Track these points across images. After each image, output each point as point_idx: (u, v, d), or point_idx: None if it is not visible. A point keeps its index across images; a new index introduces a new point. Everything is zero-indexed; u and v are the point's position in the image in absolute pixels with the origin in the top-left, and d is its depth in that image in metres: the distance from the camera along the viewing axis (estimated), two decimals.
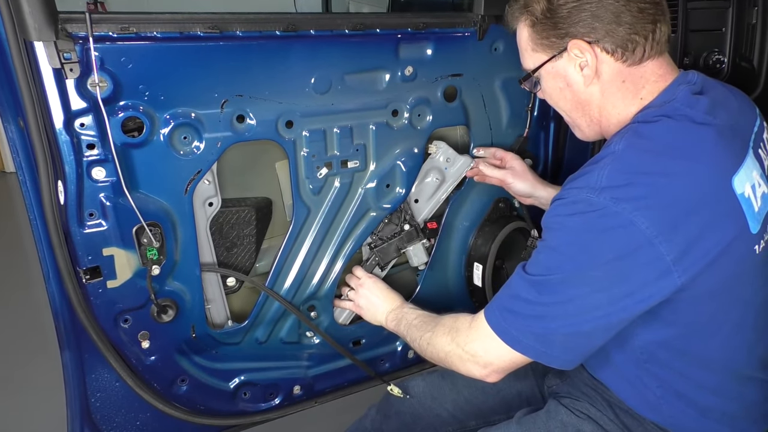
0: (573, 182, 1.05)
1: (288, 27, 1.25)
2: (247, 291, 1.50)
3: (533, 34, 1.15)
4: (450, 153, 1.56)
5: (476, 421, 1.49)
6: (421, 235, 1.60)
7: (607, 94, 1.12)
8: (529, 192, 1.56)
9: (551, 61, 1.14)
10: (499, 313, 1.11)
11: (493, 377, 1.15)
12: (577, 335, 1.04)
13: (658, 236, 0.95)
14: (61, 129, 1.10)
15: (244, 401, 1.55)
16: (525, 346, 1.07)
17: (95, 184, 1.16)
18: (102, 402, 1.38)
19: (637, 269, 0.98)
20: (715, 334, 1.09)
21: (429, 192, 1.61)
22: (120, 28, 1.10)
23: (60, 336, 1.31)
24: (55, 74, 1.06)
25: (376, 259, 1.58)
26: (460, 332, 1.19)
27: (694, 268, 0.98)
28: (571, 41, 1.09)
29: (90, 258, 1.20)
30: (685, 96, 1.07)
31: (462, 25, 1.46)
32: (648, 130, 1.04)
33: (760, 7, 1.87)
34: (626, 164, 1.00)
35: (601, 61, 1.09)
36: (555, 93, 1.19)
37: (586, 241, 1.00)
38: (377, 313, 1.50)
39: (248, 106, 1.27)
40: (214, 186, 1.33)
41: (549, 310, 1.04)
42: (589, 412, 1.25)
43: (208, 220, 1.35)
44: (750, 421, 1.18)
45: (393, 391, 1.53)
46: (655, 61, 1.10)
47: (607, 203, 0.97)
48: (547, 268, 1.04)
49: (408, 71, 1.42)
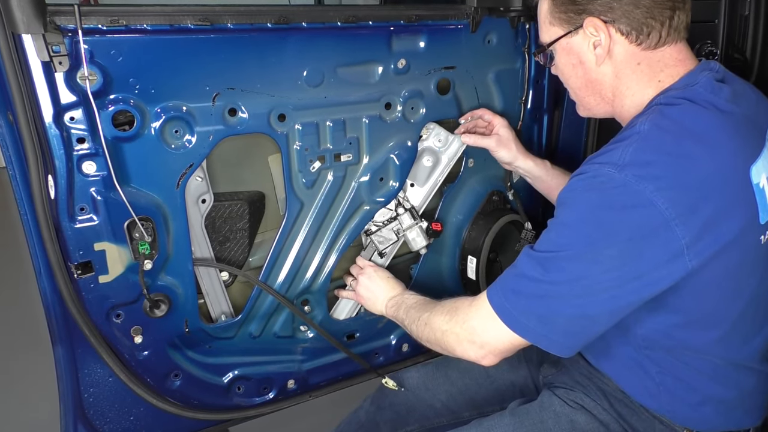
0: (595, 158, 1.04)
1: (280, 19, 1.24)
2: (241, 285, 1.50)
3: (553, 7, 1.15)
4: (442, 134, 1.55)
5: (470, 412, 1.50)
6: (418, 219, 1.57)
7: (621, 76, 1.13)
8: (509, 161, 1.55)
9: (566, 36, 1.15)
10: (502, 292, 1.09)
11: (489, 359, 1.13)
12: (581, 318, 1.02)
13: (675, 218, 0.95)
14: (51, 123, 1.09)
15: (238, 396, 1.55)
16: (525, 328, 1.05)
17: (86, 179, 1.15)
18: (95, 397, 1.38)
19: (651, 250, 0.97)
20: (717, 324, 1.09)
21: (424, 175, 1.59)
22: (109, 21, 1.08)
23: (52, 331, 1.30)
24: (44, 67, 1.05)
25: (374, 246, 1.57)
26: (459, 311, 1.17)
27: (706, 253, 0.98)
28: (587, 18, 1.09)
29: (81, 253, 1.19)
30: (708, 82, 1.07)
31: (455, 17, 1.45)
32: (673, 113, 1.04)
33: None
34: (651, 144, 1.00)
35: (614, 41, 1.09)
36: (567, 69, 1.20)
37: (603, 217, 0.99)
38: (377, 301, 1.48)
39: (240, 100, 1.26)
40: (206, 183, 1.33)
41: (555, 289, 1.02)
42: (583, 402, 1.26)
43: (202, 217, 1.34)
44: (745, 411, 1.19)
45: (388, 384, 1.53)
46: (673, 47, 1.10)
47: (629, 180, 0.96)
48: (557, 245, 1.03)
49: (401, 64, 1.42)
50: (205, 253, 1.37)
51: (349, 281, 1.57)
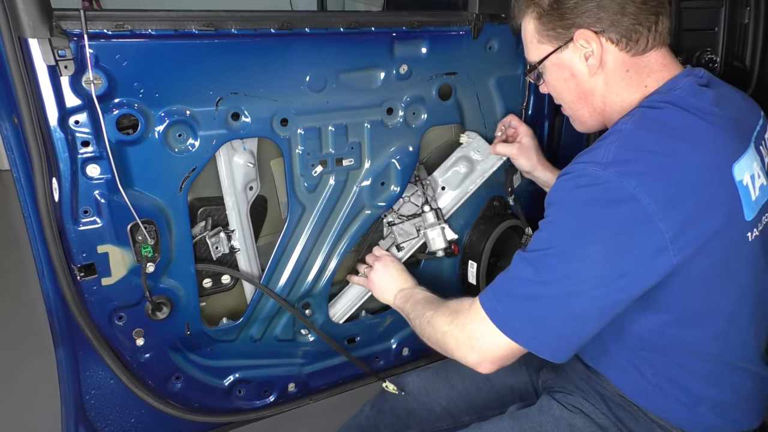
0: (580, 158, 1.07)
1: (283, 25, 1.25)
2: (242, 288, 1.51)
3: (539, 26, 1.17)
4: (483, 147, 1.57)
5: (469, 416, 1.50)
6: (441, 220, 1.58)
7: (611, 84, 1.15)
8: (529, 170, 1.56)
9: (556, 52, 1.16)
10: (494, 296, 1.10)
11: (486, 366, 1.12)
12: (571, 318, 1.03)
13: (658, 213, 0.97)
14: (56, 126, 1.10)
15: (238, 398, 1.55)
16: (517, 332, 1.06)
17: (90, 182, 1.16)
18: (96, 399, 1.38)
19: (636, 245, 0.99)
20: (710, 323, 1.10)
21: (456, 181, 1.60)
22: (115, 26, 1.10)
23: (54, 333, 1.31)
24: (49, 71, 1.06)
25: (393, 237, 1.57)
26: (460, 313, 1.17)
27: (689, 247, 1.00)
28: (577, 31, 1.11)
29: (84, 255, 1.20)
30: (690, 86, 1.10)
31: (457, 23, 1.47)
32: (655, 114, 1.07)
33: (753, 7, 1.88)
34: (633, 142, 1.03)
35: (606, 50, 1.12)
36: (559, 84, 1.21)
37: (588, 214, 1.01)
38: (387, 290, 1.48)
39: (243, 104, 1.27)
40: (255, 170, 1.35)
41: (545, 289, 1.03)
42: (582, 407, 1.26)
43: (248, 203, 1.37)
44: (743, 413, 1.19)
45: (388, 388, 1.53)
46: (658, 52, 1.13)
47: (612, 177, 0.98)
48: (546, 242, 1.05)
49: (403, 69, 1.43)
50: (248, 242, 1.39)
51: (363, 268, 1.57)
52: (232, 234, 1.39)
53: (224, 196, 1.37)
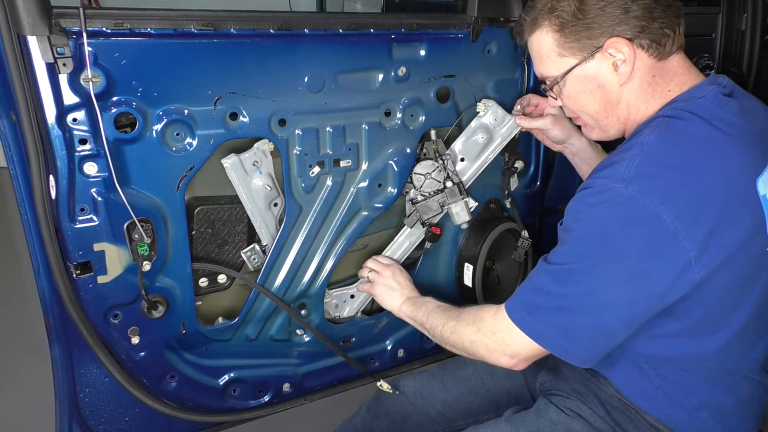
0: (601, 171, 1.05)
1: (282, 26, 1.25)
2: (238, 288, 1.51)
3: (561, 38, 1.12)
4: (499, 112, 1.57)
5: (465, 420, 1.50)
6: (464, 194, 1.57)
7: (639, 91, 1.13)
8: (564, 137, 1.51)
9: (581, 63, 1.12)
10: (521, 306, 1.11)
11: (521, 365, 1.16)
12: (599, 330, 1.05)
13: (681, 231, 0.96)
14: (54, 124, 1.10)
15: (233, 398, 1.55)
16: (548, 340, 1.08)
17: (87, 179, 1.16)
18: (91, 397, 1.38)
19: (660, 264, 0.99)
20: (720, 333, 1.10)
21: (475, 151, 1.60)
22: (114, 24, 1.10)
23: (49, 331, 1.31)
24: (48, 69, 1.06)
25: (417, 215, 1.57)
26: (485, 322, 1.19)
27: (713, 263, 1.00)
28: (608, 39, 1.08)
29: (81, 253, 1.20)
30: (714, 95, 1.08)
31: (455, 26, 1.47)
32: (679, 125, 1.05)
33: (749, 14, 1.89)
34: (656, 156, 1.01)
35: (638, 57, 1.09)
36: (582, 96, 1.17)
37: (611, 232, 1.00)
38: (393, 297, 1.49)
39: (241, 104, 1.27)
40: (275, 190, 1.40)
41: (571, 302, 1.05)
42: (580, 410, 1.26)
43: (276, 218, 1.42)
44: (741, 419, 1.20)
45: (383, 387, 1.53)
46: (679, 55, 1.12)
47: (635, 195, 0.98)
48: (570, 257, 1.05)
49: (401, 72, 1.43)
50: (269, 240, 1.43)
51: (367, 273, 1.57)
52: (265, 248, 1.46)
53: (250, 216, 1.39)
